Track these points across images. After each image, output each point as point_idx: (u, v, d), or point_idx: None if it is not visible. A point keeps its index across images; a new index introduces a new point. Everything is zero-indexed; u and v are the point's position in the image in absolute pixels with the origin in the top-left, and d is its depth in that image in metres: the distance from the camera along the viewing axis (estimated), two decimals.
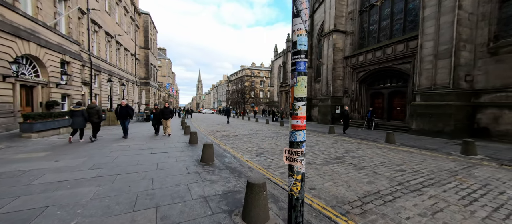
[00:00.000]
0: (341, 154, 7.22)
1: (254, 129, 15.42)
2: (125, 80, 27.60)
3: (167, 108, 11.17)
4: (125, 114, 9.97)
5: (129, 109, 10.10)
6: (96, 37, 20.30)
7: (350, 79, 20.06)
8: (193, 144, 8.75)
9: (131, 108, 10.39)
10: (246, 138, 11.04)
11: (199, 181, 4.43)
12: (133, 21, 31.99)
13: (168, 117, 10.98)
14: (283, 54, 44.96)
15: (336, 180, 4.69)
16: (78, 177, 4.46)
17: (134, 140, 9.43)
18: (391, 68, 16.22)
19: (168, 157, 6.46)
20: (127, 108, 10.02)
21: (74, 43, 15.23)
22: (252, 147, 8.40)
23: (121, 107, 10.02)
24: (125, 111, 9.97)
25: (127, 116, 10.01)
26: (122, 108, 9.99)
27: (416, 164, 6.01)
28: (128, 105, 10.20)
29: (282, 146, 8.70)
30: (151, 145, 8.42)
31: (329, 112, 20.57)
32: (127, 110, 10.00)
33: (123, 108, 9.98)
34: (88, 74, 18.46)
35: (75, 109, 8.49)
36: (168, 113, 11.01)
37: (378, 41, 17.65)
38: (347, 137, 11.59)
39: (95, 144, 8.23)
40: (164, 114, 10.95)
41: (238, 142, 9.65)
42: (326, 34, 21.10)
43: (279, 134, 12.60)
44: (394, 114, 17.20)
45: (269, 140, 10.38)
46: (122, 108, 9.99)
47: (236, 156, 6.87)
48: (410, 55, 14.55)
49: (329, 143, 9.60)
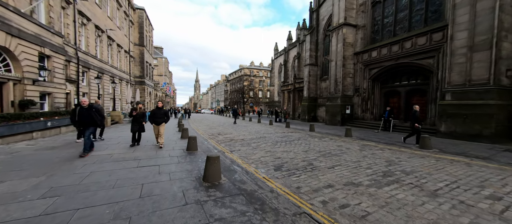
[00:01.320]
0: (385, 167, 5.63)
1: (260, 132, 13.80)
2: (118, 78, 25.81)
3: (161, 109, 8.12)
4: (88, 119, 6.48)
5: (93, 112, 6.56)
6: (84, 31, 18.52)
7: (361, 77, 18.53)
8: (191, 152, 7.12)
9: (99, 109, 7.06)
10: (255, 143, 9.41)
11: (204, 223, 2.80)
12: (127, 16, 30.18)
13: (161, 122, 7.91)
14: (284, 52, 43.40)
15: (418, 221, 3.08)
16: (9, 219, 2.81)
17: (119, 147, 7.76)
18: (410, 64, 14.71)
19: (159, 174, 4.82)
20: (90, 110, 6.53)
21: (56, 35, 13.48)
22: (265, 157, 6.78)
23: (80, 108, 6.55)
24: (86, 115, 6.45)
25: (91, 122, 6.52)
26: (83, 110, 6.48)
27: (501, 185, 4.45)
28: (93, 106, 6.82)
29: (302, 154, 7.11)
30: (140, 153, 6.76)
31: (339, 112, 19.02)
32: (90, 113, 6.48)
33: (84, 110, 6.48)
34: (74, 70, 16.68)
35: None
36: (161, 116, 7.96)
37: (394, 34, 16.13)
38: (370, 141, 10.03)
39: (70, 153, 6.55)
40: (155, 117, 7.90)
41: (246, 149, 8.03)
42: (334, 28, 19.56)
43: (290, 138, 11.00)
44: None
45: (282, 146, 8.77)
46: (82, 110, 6.49)
47: (248, 171, 5.25)
48: (434, 48, 13.05)
49: (355, 150, 8.02)
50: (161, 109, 8.21)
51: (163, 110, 8.23)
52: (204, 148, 8.07)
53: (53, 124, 10.71)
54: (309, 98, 25.77)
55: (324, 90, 24.41)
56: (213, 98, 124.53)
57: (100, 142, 8.71)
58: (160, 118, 7.98)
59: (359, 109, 18.83)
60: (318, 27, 25.38)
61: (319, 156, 6.81)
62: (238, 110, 29.41)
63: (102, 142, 8.85)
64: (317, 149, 7.91)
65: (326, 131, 14.41)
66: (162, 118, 8.04)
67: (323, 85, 24.70)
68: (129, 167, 5.31)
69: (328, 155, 6.89)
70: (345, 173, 5.02)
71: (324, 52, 24.84)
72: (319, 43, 25.39)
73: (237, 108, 27.34)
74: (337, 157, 6.65)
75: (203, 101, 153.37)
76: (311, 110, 25.59)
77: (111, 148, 7.50)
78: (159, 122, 7.94)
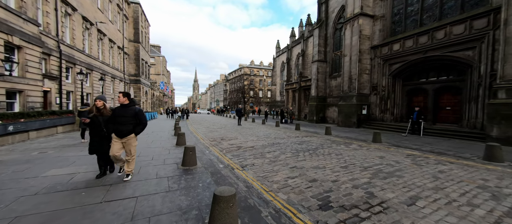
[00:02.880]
0: (482, 200, 3.64)
1: (269, 136, 11.80)
2: (111, 76, 23.73)
3: (127, 106, 4.35)
4: None
5: None
6: (69, 21, 16.45)
7: (380, 73, 16.57)
8: (189, 170, 5.12)
9: None
10: (269, 152, 7.40)
11: None
12: (120, 9, 28.09)
13: (127, 131, 4.25)
14: (287, 49, 41.38)
15: None
16: None
17: (74, 181, 5.73)
18: (442, 57, 12.75)
19: (131, 223, 2.80)
20: None
21: (30, 23, 11.45)
22: (294, 178, 4.77)
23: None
24: None
25: None
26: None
27: None
28: None
29: (343, 173, 5.11)
30: (109, 179, 4.74)
31: (354, 113, 17.04)
32: None
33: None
34: (56, 65, 14.61)
35: (82, 109, 8.69)
36: (127, 119, 4.26)
37: (420, 24, 14.18)
38: (409, 149, 8.07)
39: None
40: (117, 122, 4.24)
41: (261, 163, 6.01)
42: (349, 20, 17.59)
43: (310, 145, 8.99)
44: (441, 115, 13.76)
45: (308, 158, 6.76)
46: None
47: (280, 210, 3.24)
48: (475, 38, 11.11)
49: (407, 164, 6.02)
50: (127, 107, 4.31)
51: (132, 108, 4.33)
52: (206, 161, 6.08)
53: (18, 128, 8.64)
54: (317, 97, 23.78)
55: (335, 88, 22.44)
56: (212, 98, 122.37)
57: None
58: (125, 124, 4.21)
59: (377, 109, 16.87)
60: (327, 20, 23.39)
61: (371, 176, 4.82)
62: (243, 110, 27.32)
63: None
64: (358, 164, 5.91)
65: (346, 135, 12.43)
66: (129, 123, 4.24)
67: (333, 83, 22.72)
68: (84, 211, 3.29)
69: (382, 175, 4.90)
70: (451, 221, 3.01)
71: (334, 48, 22.85)
72: (328, 38, 23.40)
73: (242, 108, 25.20)
74: (397, 179, 4.65)
75: (202, 101, 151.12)
76: (319, 111, 23.60)
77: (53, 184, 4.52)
78: (124, 132, 4.20)
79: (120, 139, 4.25)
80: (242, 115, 20.93)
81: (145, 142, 9.12)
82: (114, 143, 4.24)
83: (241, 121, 21.43)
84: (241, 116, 20.27)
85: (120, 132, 4.22)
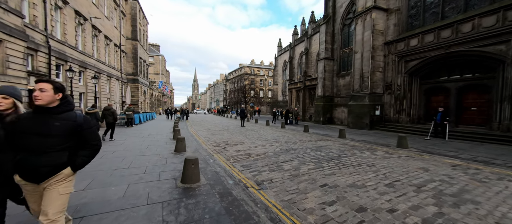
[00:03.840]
0: None
1: (279, 140, 10.61)
2: (106, 75, 22.52)
3: (59, 111, 1.98)
4: None
5: None
6: (59, 16, 15.27)
7: (395, 71, 15.40)
8: (190, 190, 3.92)
9: None
10: (286, 162, 6.21)
11: None
12: (117, 5, 26.88)
13: (47, 169, 1.88)
14: (289, 48, 40.18)
15: None
16: None
17: None
18: (468, 52, 11.58)
19: None
20: None
21: (12, 13, 10.24)
22: (334, 206, 3.58)
23: None
24: None
25: None
26: None
27: None
28: None
29: (393, 197, 3.94)
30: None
31: (366, 113, 15.86)
32: None
33: None
34: (44, 62, 13.41)
35: (89, 111, 8.73)
36: (57, 137, 1.91)
37: (442, 17, 13.01)
38: (446, 157, 6.90)
39: None
40: (22, 144, 1.86)
41: (281, 178, 4.82)
42: (360, 14, 16.42)
43: (329, 152, 7.80)
44: (465, 116, 12.59)
45: (335, 170, 5.58)
46: None
47: None
48: (509, 31, 9.95)
49: (464, 180, 4.85)
50: (55, 111, 1.97)
51: (67, 115, 2.01)
52: (211, 174, 4.90)
53: None
54: (324, 97, 22.60)
55: (343, 88, 21.26)
56: (212, 98, 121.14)
57: None
58: (47, 149, 1.88)
59: (392, 109, 15.70)
60: (334, 16, 22.21)
61: (436, 202, 3.63)
62: (246, 111, 26.07)
63: None
64: (404, 180, 4.72)
65: (362, 138, 11.26)
66: (58, 147, 1.93)
67: (341, 82, 21.53)
68: None
69: (449, 200, 3.72)
70: None
71: (342, 45, 21.67)
72: (336, 34, 22.22)
73: (245, 109, 23.98)
74: (476, 208, 3.47)
75: (201, 101, 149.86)
76: (326, 111, 22.42)
77: None
78: (44, 168, 1.88)
79: (32, 184, 1.94)
80: (245, 116, 19.72)
81: (138, 148, 7.92)
82: (26, 193, 2.04)
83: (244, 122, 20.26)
84: (244, 117, 19.09)
85: (32, 168, 1.87)
